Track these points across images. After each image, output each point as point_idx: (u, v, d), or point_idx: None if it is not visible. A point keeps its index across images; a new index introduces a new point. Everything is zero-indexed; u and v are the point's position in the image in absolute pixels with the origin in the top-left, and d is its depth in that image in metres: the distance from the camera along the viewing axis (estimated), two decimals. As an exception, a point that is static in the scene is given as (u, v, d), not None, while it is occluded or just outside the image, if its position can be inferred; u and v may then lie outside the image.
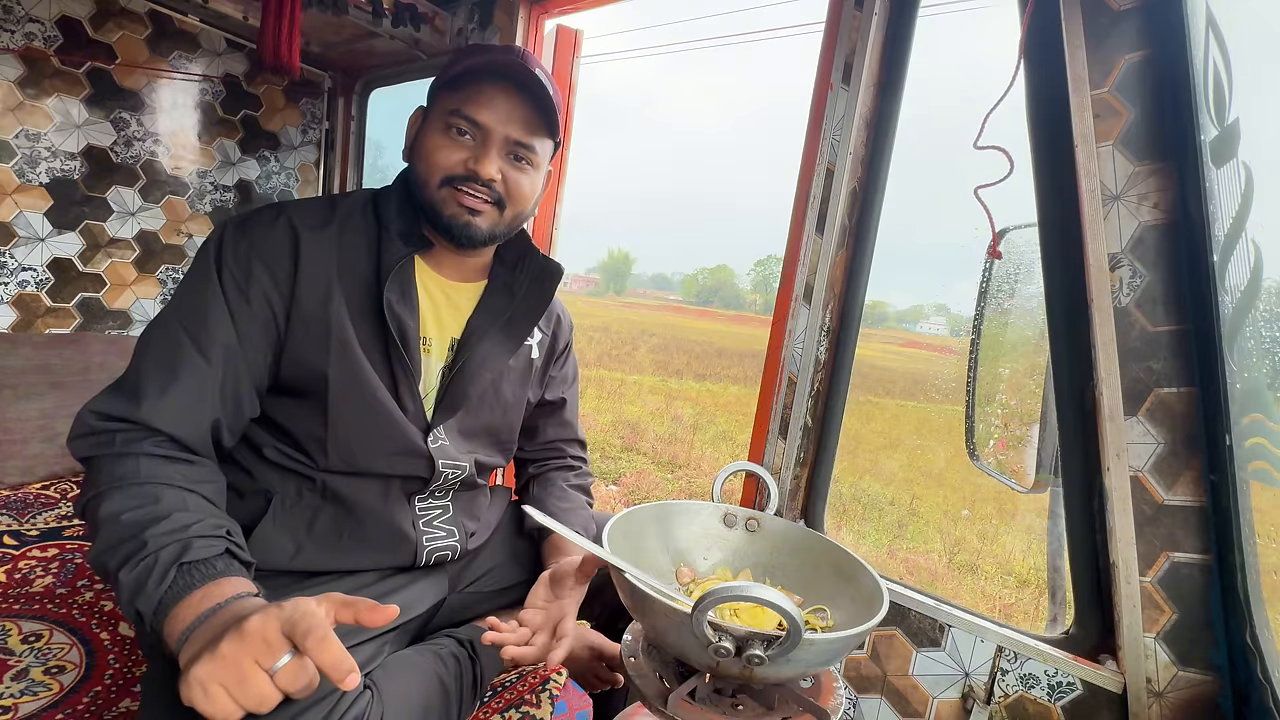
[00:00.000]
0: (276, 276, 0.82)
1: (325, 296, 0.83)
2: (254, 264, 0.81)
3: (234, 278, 0.80)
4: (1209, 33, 0.80)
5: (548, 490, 1.12)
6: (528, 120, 0.87)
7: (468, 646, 0.90)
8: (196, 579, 0.63)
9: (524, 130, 0.87)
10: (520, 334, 0.98)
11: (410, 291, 0.89)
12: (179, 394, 0.75)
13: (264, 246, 0.82)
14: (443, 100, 0.87)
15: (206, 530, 0.67)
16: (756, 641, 0.60)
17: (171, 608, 0.61)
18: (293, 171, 2.20)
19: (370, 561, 0.89)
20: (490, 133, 0.85)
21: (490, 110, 0.85)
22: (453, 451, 0.94)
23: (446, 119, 0.86)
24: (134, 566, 0.63)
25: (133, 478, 0.69)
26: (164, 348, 0.77)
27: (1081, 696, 0.94)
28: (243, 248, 0.81)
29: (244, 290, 0.80)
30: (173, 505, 0.68)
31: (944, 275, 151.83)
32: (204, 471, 0.76)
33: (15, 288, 1.71)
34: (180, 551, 0.64)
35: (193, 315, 0.78)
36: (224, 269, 0.80)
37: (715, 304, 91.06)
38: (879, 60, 1.14)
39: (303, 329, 0.83)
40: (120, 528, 0.66)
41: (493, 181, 0.86)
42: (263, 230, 0.83)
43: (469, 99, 0.85)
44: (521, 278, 0.99)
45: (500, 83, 0.85)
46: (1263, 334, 0.81)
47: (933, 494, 6.23)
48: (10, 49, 1.61)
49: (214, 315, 0.78)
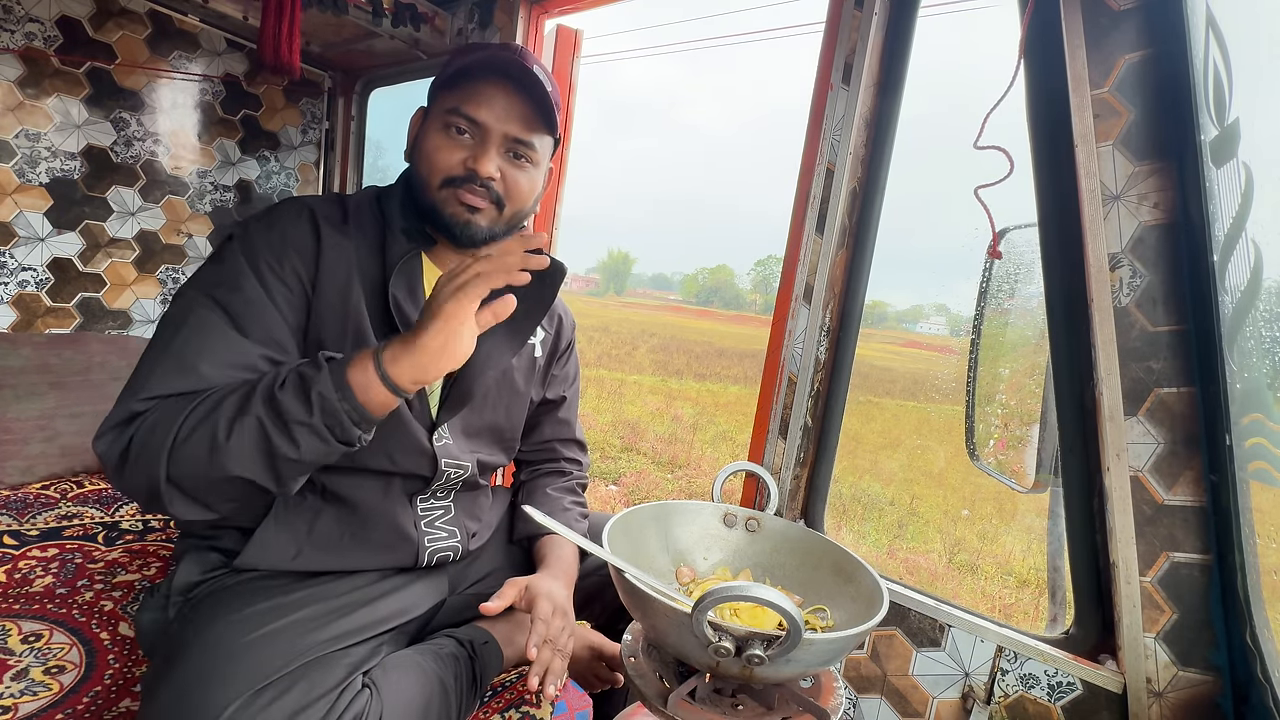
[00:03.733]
0: (306, 265, 0.83)
1: (345, 291, 0.84)
2: (288, 250, 0.82)
3: (269, 265, 0.80)
4: (1209, 33, 0.80)
5: (531, 499, 1.11)
6: (526, 117, 0.87)
7: (468, 646, 0.90)
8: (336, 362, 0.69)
9: (523, 127, 0.87)
10: (524, 333, 0.98)
11: (417, 288, 0.90)
12: (224, 352, 0.74)
13: (293, 236, 0.83)
14: (441, 99, 0.87)
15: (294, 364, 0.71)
16: (756, 641, 0.60)
17: (345, 372, 0.67)
18: (293, 171, 2.20)
19: (371, 562, 0.89)
20: (489, 131, 0.85)
21: (488, 108, 0.85)
22: (455, 451, 0.94)
23: (445, 118, 0.86)
24: (282, 387, 0.67)
25: (185, 408, 0.69)
26: (200, 323, 0.75)
27: (1081, 696, 0.94)
28: (274, 235, 0.82)
29: (281, 276, 0.81)
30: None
31: (944, 275, 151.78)
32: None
33: (15, 288, 1.71)
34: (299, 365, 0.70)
35: (231, 293, 0.77)
36: (259, 257, 0.80)
37: (715, 304, 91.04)
38: (879, 60, 1.14)
39: (322, 320, 0.83)
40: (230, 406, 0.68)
41: (491, 180, 0.86)
42: (290, 221, 0.84)
43: (467, 97, 0.85)
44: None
45: (498, 80, 0.85)
46: (1263, 334, 0.81)
47: (933, 494, 6.23)
48: (10, 49, 1.61)
49: (254, 297, 0.78)
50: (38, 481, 1.53)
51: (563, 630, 0.86)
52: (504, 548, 1.09)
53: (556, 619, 0.86)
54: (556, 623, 0.85)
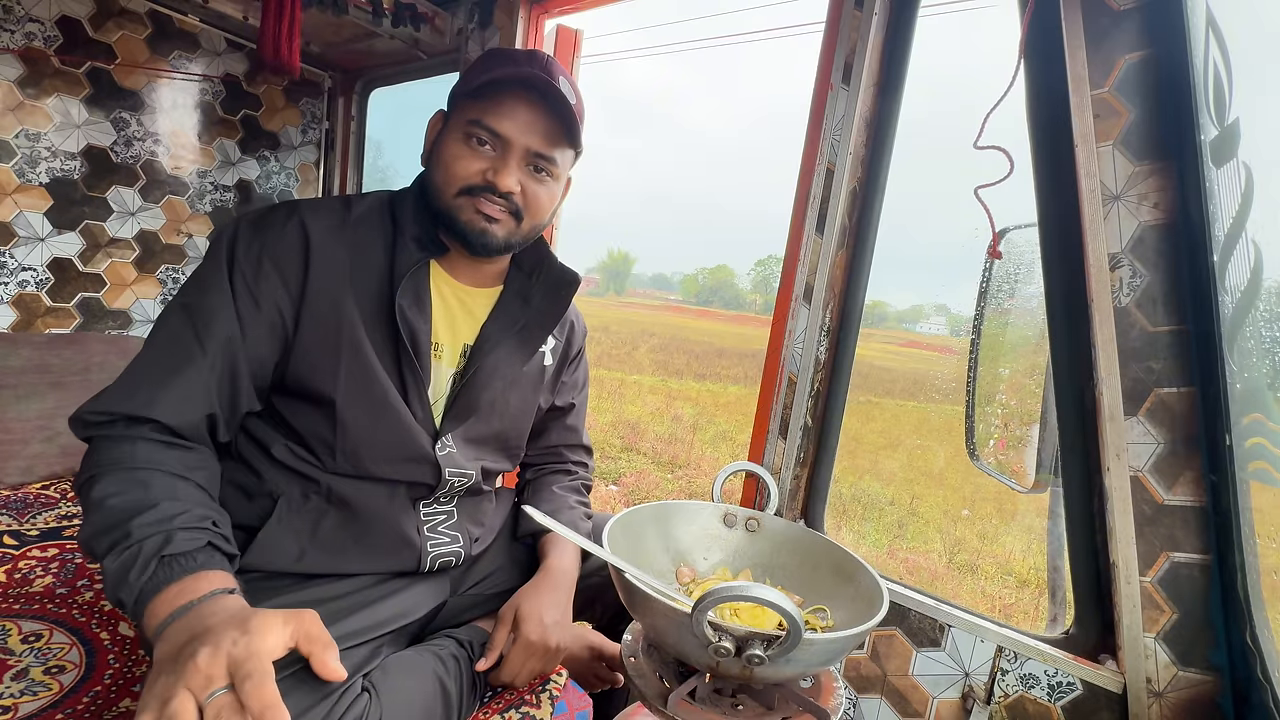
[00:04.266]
0: (287, 278, 0.81)
1: (338, 299, 0.83)
2: (264, 264, 0.80)
3: (244, 277, 0.80)
4: (1209, 33, 0.80)
5: (537, 495, 1.12)
6: (549, 132, 0.86)
7: (468, 647, 0.90)
8: (175, 572, 0.63)
9: (545, 142, 0.86)
10: (534, 342, 0.98)
11: (424, 296, 0.88)
12: (176, 386, 0.75)
13: (276, 247, 0.81)
14: (464, 108, 0.86)
15: (191, 522, 0.67)
16: (756, 641, 0.60)
17: (150, 599, 0.62)
18: (293, 171, 2.20)
19: (374, 566, 0.89)
20: (511, 144, 0.84)
21: (511, 121, 0.84)
22: (459, 459, 0.94)
23: (467, 128, 0.84)
24: (119, 555, 0.64)
25: (127, 462, 0.70)
26: (167, 341, 0.78)
27: (1081, 696, 0.94)
28: (255, 247, 0.81)
29: (253, 290, 0.80)
30: (162, 493, 0.68)
31: (944, 275, 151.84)
32: (199, 458, 0.76)
33: (15, 288, 1.71)
34: (163, 543, 0.64)
35: (199, 310, 0.78)
36: (235, 267, 0.80)
37: (715, 304, 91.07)
38: (879, 60, 1.14)
39: (314, 331, 0.82)
40: (109, 513, 0.66)
41: (511, 194, 0.85)
42: (276, 231, 0.82)
43: (490, 109, 0.84)
44: (537, 285, 0.99)
45: (523, 93, 0.84)
46: (1263, 334, 0.81)
47: (933, 494, 6.23)
48: (10, 49, 1.61)
49: (220, 312, 0.78)
50: (38, 481, 1.53)
51: (534, 667, 0.90)
52: (506, 547, 1.09)
53: (532, 660, 0.90)
54: (530, 665, 0.90)
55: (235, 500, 0.86)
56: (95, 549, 0.66)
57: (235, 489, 0.86)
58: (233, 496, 0.86)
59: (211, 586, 0.63)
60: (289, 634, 0.57)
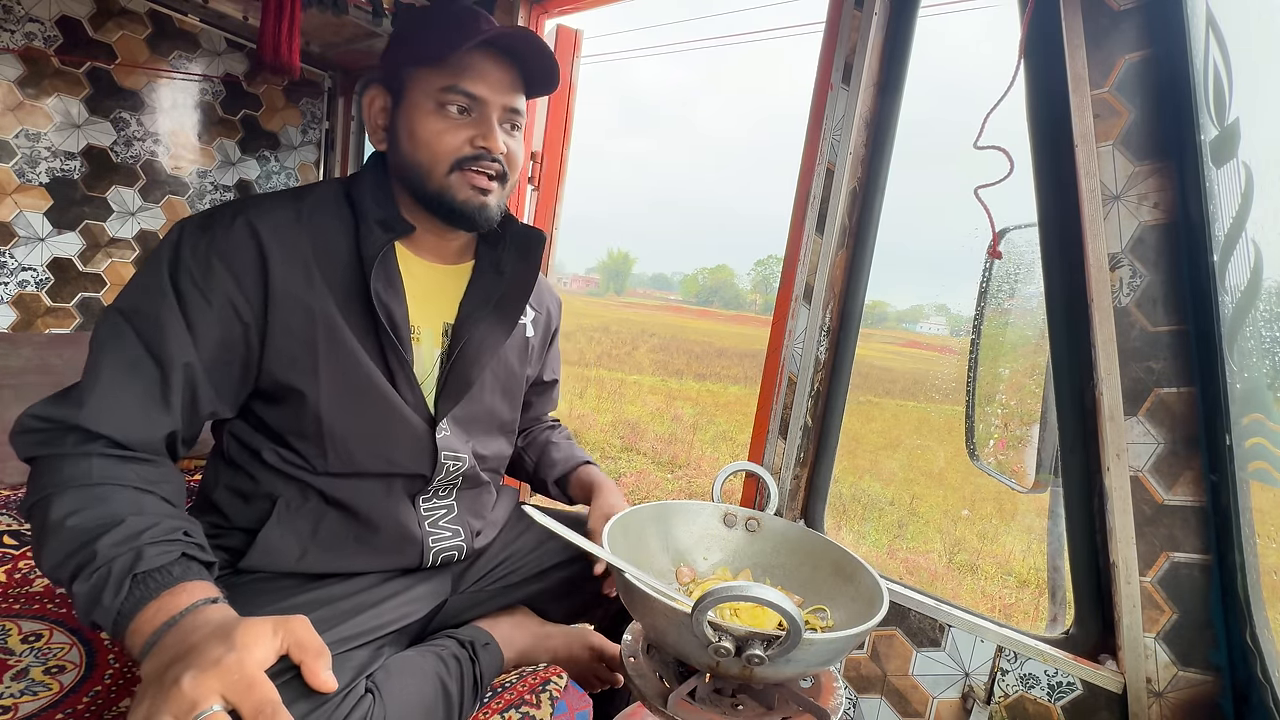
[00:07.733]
0: (240, 276, 0.77)
1: (303, 293, 0.80)
2: (213, 261, 0.76)
3: (191, 276, 0.75)
4: (1209, 33, 0.80)
5: (539, 448, 1.21)
6: (515, 84, 0.86)
7: (468, 647, 0.90)
8: (151, 589, 0.60)
9: (514, 95, 0.86)
10: (514, 313, 0.96)
11: (395, 279, 0.86)
12: (128, 399, 0.70)
13: (224, 247, 0.77)
14: (425, 79, 0.83)
15: (160, 535, 0.64)
16: (756, 641, 0.60)
17: (129, 621, 0.58)
18: (293, 171, 2.20)
19: (376, 564, 0.89)
20: (488, 104, 0.84)
21: (484, 82, 0.83)
22: (455, 442, 0.93)
23: (440, 96, 0.82)
24: (87, 578, 0.60)
25: (83, 479, 0.65)
26: (115, 350, 0.72)
27: (1081, 696, 0.94)
28: (202, 246, 0.76)
29: (202, 289, 0.75)
30: (126, 509, 0.64)
31: (944, 275, 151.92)
32: (160, 471, 0.72)
33: (15, 288, 1.71)
34: (133, 561, 0.60)
35: (145, 316, 0.73)
36: (180, 267, 0.75)
37: (715, 304, 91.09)
38: (879, 60, 1.14)
39: (284, 330, 0.79)
40: (71, 535, 0.62)
41: (502, 155, 0.85)
42: (222, 231, 0.77)
43: (461, 73, 0.82)
44: (507, 254, 0.97)
45: (487, 51, 0.84)
46: (1263, 334, 0.81)
47: (933, 494, 6.23)
48: (10, 49, 1.61)
49: (167, 317, 0.73)
50: (38, 481, 1.53)
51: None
52: (505, 546, 1.09)
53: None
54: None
55: (233, 503, 0.86)
56: (59, 575, 0.62)
57: (232, 493, 0.86)
58: (230, 500, 0.86)
59: (192, 599, 0.60)
60: (279, 642, 0.55)
